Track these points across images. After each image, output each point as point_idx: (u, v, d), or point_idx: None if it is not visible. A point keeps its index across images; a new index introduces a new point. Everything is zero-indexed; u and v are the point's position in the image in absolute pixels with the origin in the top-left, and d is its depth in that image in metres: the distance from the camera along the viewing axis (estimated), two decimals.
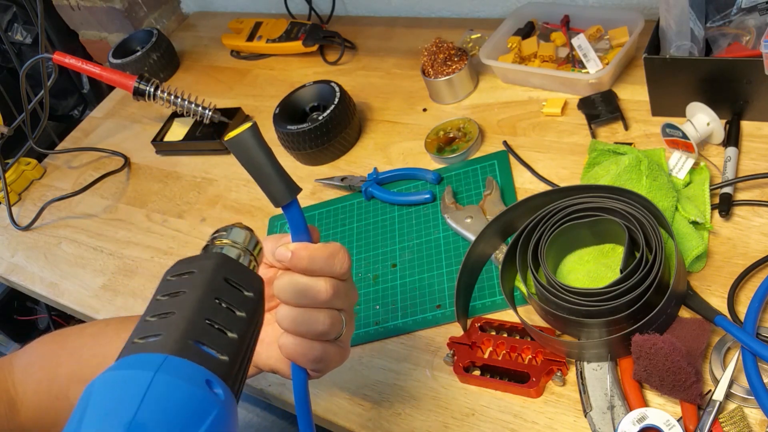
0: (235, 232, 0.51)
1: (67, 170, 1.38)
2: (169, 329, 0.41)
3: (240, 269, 0.47)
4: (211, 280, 0.45)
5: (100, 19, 1.70)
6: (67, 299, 1.11)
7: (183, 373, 0.38)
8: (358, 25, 1.36)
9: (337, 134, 1.07)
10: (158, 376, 0.37)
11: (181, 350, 0.40)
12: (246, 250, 0.50)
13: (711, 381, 0.66)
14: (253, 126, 0.51)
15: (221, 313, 0.43)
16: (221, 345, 0.42)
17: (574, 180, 0.90)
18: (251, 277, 0.48)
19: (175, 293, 0.44)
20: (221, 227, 0.51)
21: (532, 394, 0.71)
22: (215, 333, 0.42)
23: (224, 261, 0.47)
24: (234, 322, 0.44)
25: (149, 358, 0.39)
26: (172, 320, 0.42)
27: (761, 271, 0.72)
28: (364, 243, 0.95)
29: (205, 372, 0.39)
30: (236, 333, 0.43)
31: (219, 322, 0.43)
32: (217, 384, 0.40)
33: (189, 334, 0.41)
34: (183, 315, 0.42)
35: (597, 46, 1.01)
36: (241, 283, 0.46)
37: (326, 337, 0.57)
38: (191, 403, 0.37)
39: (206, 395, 0.38)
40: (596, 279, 0.76)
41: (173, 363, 0.39)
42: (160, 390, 0.37)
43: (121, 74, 1.24)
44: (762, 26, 0.83)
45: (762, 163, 0.82)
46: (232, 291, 0.45)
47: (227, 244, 0.49)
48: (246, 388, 0.89)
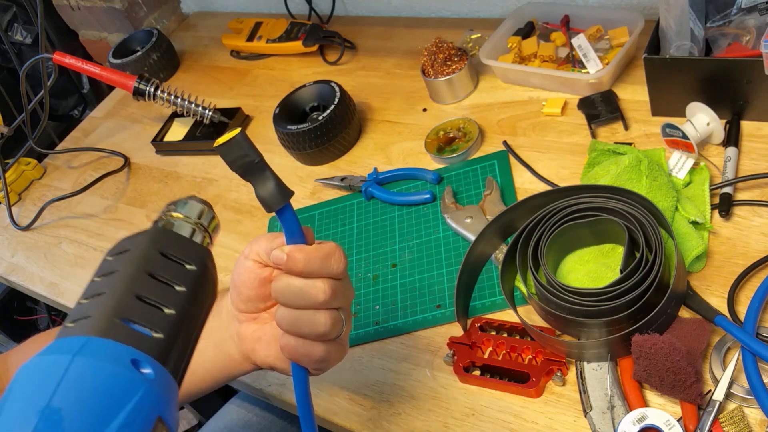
0: (190, 205, 0.49)
1: (67, 170, 1.38)
2: (97, 310, 0.40)
3: (181, 242, 0.45)
4: (144, 254, 0.43)
5: (100, 19, 1.70)
6: (67, 299, 1.11)
7: (104, 354, 0.37)
8: (358, 25, 1.36)
9: (337, 134, 1.07)
10: (76, 358, 0.37)
11: (105, 330, 0.38)
12: (199, 224, 0.48)
13: (711, 381, 0.66)
14: (243, 131, 0.51)
15: (155, 289, 0.42)
16: (154, 322, 0.40)
17: (574, 180, 0.90)
18: (195, 249, 0.45)
19: (110, 273, 0.42)
20: (175, 200, 0.49)
21: (532, 394, 0.71)
22: (147, 310, 0.41)
23: (161, 234, 0.45)
24: (171, 297, 0.42)
25: (71, 342, 0.38)
26: (101, 300, 0.41)
27: (761, 271, 0.72)
28: (364, 243, 0.95)
29: (130, 351, 0.38)
30: (174, 308, 0.41)
31: (152, 299, 0.41)
32: (147, 363, 0.38)
33: (116, 312, 0.40)
34: (111, 293, 0.41)
35: (597, 46, 1.01)
36: (181, 256, 0.44)
37: (327, 337, 0.57)
38: (112, 384, 0.36)
39: (130, 375, 0.37)
40: (596, 279, 0.76)
41: (95, 344, 0.38)
42: (78, 372, 0.36)
43: (121, 74, 1.24)
44: (762, 26, 0.83)
45: (762, 163, 0.82)
46: (170, 265, 0.43)
47: (177, 218, 0.47)
48: (245, 387, 0.89)
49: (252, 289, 0.61)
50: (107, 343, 0.38)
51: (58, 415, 0.35)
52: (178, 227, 0.47)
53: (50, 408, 0.35)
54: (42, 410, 0.34)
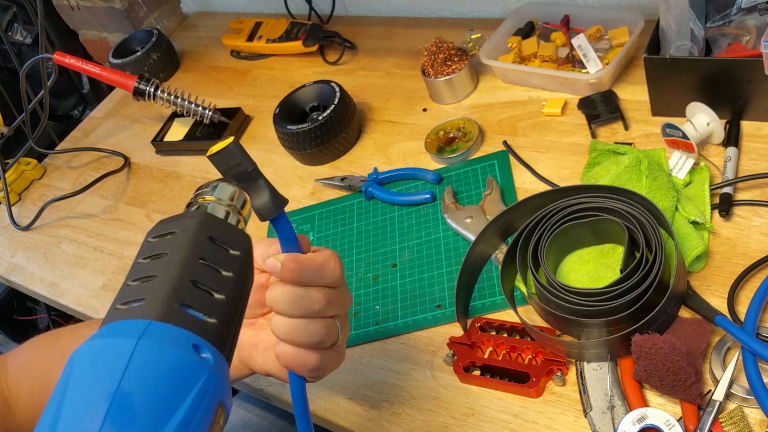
0: (221, 188, 0.48)
1: (67, 170, 1.38)
2: (153, 293, 0.39)
3: (225, 227, 0.45)
4: (194, 239, 0.42)
5: (100, 19, 1.70)
6: (67, 299, 1.11)
7: (168, 339, 0.37)
8: (358, 25, 1.36)
9: (337, 134, 1.07)
10: (142, 342, 0.36)
11: (166, 315, 0.38)
12: (233, 207, 0.48)
13: (711, 381, 0.66)
14: (236, 140, 0.50)
15: (207, 274, 0.41)
16: (208, 307, 0.40)
17: (574, 180, 0.90)
18: (237, 235, 0.45)
19: (157, 255, 0.42)
20: (207, 182, 0.49)
21: (532, 394, 0.71)
22: (201, 295, 0.40)
23: (208, 219, 0.45)
24: (221, 282, 0.42)
25: (132, 325, 0.37)
26: (155, 283, 0.40)
27: (761, 271, 0.72)
28: (364, 243, 0.95)
29: (191, 336, 0.38)
30: (224, 294, 0.41)
31: (205, 284, 0.41)
32: (206, 348, 0.38)
33: (173, 297, 0.39)
34: (166, 277, 0.40)
35: (597, 46, 1.01)
36: (226, 241, 0.44)
37: (323, 346, 0.57)
38: (178, 369, 0.36)
39: (194, 360, 0.37)
40: (596, 279, 0.76)
41: (157, 328, 0.37)
42: (145, 357, 0.36)
43: (121, 74, 1.24)
44: (762, 26, 0.83)
45: (762, 163, 0.82)
46: (217, 250, 0.43)
47: (212, 201, 0.47)
48: (245, 387, 0.89)
49: None
50: (169, 328, 0.38)
51: (129, 399, 0.34)
52: (213, 209, 0.46)
53: (121, 392, 0.34)
54: (113, 394, 0.34)
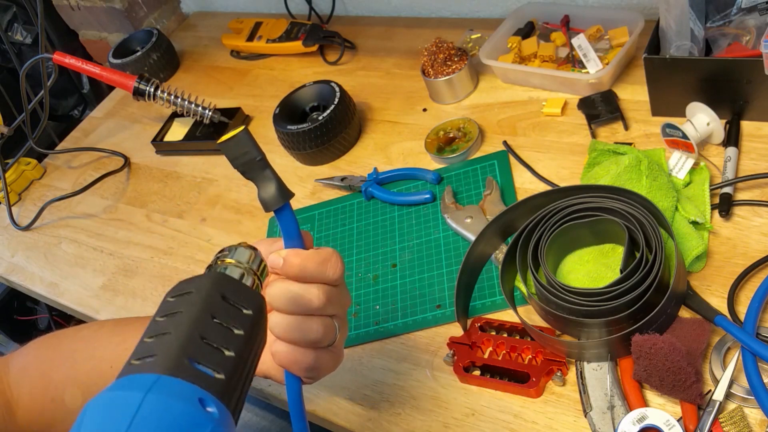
0: (239, 251, 0.51)
1: (67, 170, 1.38)
2: (164, 349, 0.41)
3: (239, 288, 0.47)
4: (207, 298, 0.45)
5: (100, 19, 1.70)
6: (67, 299, 1.11)
7: (174, 392, 0.39)
8: (358, 25, 1.36)
9: (337, 134, 1.07)
10: (149, 396, 0.38)
11: (174, 369, 0.40)
12: (249, 269, 0.50)
13: (711, 381, 0.66)
14: (246, 129, 0.51)
15: (218, 331, 0.43)
16: (217, 363, 0.42)
17: (574, 180, 0.90)
18: (251, 295, 0.48)
19: (173, 313, 0.44)
20: (227, 246, 0.52)
21: (532, 394, 0.71)
22: (211, 351, 0.42)
23: (222, 279, 0.47)
24: (231, 340, 0.44)
25: (142, 379, 0.39)
26: (167, 340, 0.42)
27: (761, 271, 0.72)
28: (364, 243, 0.95)
29: (197, 390, 0.39)
30: (233, 351, 0.43)
31: (215, 341, 0.43)
32: (211, 402, 0.40)
33: (183, 352, 0.41)
34: (178, 334, 0.42)
35: (597, 46, 1.01)
36: (239, 301, 0.46)
37: (319, 345, 0.57)
38: (182, 421, 0.38)
39: (198, 413, 0.38)
40: (596, 279, 0.76)
41: (165, 382, 0.39)
42: (151, 409, 0.37)
43: (121, 74, 1.24)
44: (762, 26, 0.83)
45: (762, 163, 0.82)
46: (229, 309, 0.45)
47: (230, 263, 0.50)
48: None
49: None
50: (176, 382, 0.39)
51: None
52: (231, 271, 0.49)
53: None
54: None
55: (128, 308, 1.03)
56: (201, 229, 1.11)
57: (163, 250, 1.10)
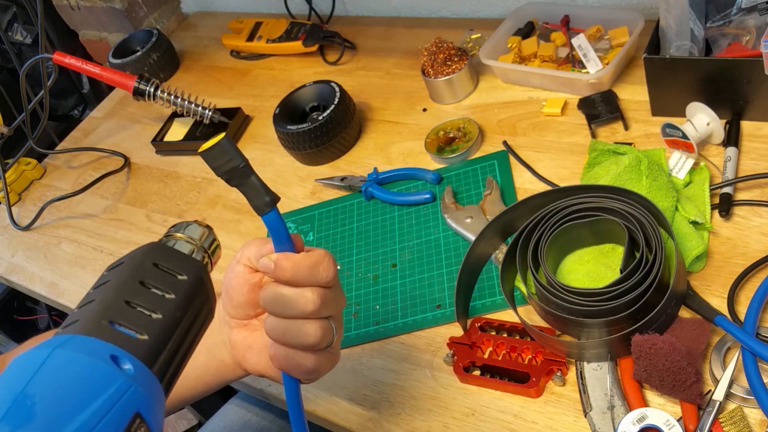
0: (192, 228, 0.51)
1: (67, 170, 1.38)
2: (85, 314, 0.42)
3: (175, 255, 0.48)
4: (137, 265, 0.45)
5: (100, 19, 1.70)
6: (67, 299, 1.11)
7: (84, 348, 0.39)
8: (358, 25, 1.36)
9: (337, 134, 1.07)
10: (56, 351, 0.38)
11: (90, 330, 0.40)
12: (198, 246, 0.50)
13: (711, 381, 0.66)
14: (227, 136, 0.51)
15: (146, 296, 0.44)
16: (140, 325, 0.42)
17: (574, 180, 0.90)
18: (188, 261, 0.48)
19: (103, 283, 0.45)
20: (180, 222, 0.52)
21: (532, 394, 0.71)
22: (135, 313, 0.43)
23: (156, 248, 0.47)
24: (160, 303, 0.44)
25: (56, 339, 0.40)
26: (91, 306, 0.43)
27: (761, 271, 0.72)
28: (364, 243, 0.95)
29: (111, 347, 0.40)
30: (161, 313, 0.43)
31: (140, 303, 0.43)
32: (127, 360, 0.40)
33: (102, 315, 0.42)
34: (102, 300, 0.43)
35: (597, 46, 1.01)
36: (173, 267, 0.46)
37: (318, 347, 0.57)
38: (87, 375, 0.38)
39: (107, 369, 0.39)
40: (596, 279, 0.76)
41: (77, 340, 0.40)
42: (56, 364, 0.38)
43: (121, 74, 1.24)
44: (762, 26, 0.83)
45: (762, 163, 0.82)
46: (161, 275, 0.45)
47: (180, 238, 0.50)
48: (245, 387, 0.89)
49: (242, 294, 0.61)
50: (88, 340, 0.40)
51: (30, 401, 0.36)
52: (178, 245, 0.49)
53: (24, 394, 0.36)
54: (15, 396, 0.36)
55: None
56: None
57: None
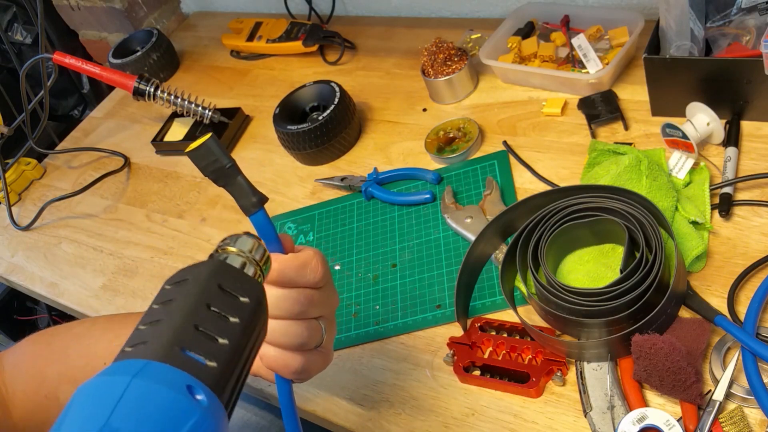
0: (242, 240, 0.50)
1: (67, 170, 1.38)
2: (155, 336, 0.41)
3: (237, 275, 0.47)
4: (203, 287, 0.44)
5: (100, 19, 1.70)
6: (67, 299, 1.11)
7: (161, 378, 0.38)
8: (358, 25, 1.36)
9: (337, 134, 1.07)
10: (135, 380, 0.37)
11: (164, 356, 0.39)
12: (251, 259, 0.49)
13: (711, 381, 0.66)
14: (214, 136, 0.51)
15: (212, 320, 0.43)
16: (209, 351, 0.41)
17: (574, 180, 0.90)
18: (249, 283, 0.47)
19: (168, 300, 0.44)
20: (230, 235, 0.51)
21: (532, 394, 0.71)
22: (203, 339, 0.42)
23: (219, 267, 0.46)
24: (226, 328, 0.43)
25: (130, 364, 0.39)
26: (160, 327, 0.42)
27: (761, 271, 0.72)
28: (364, 243, 0.95)
29: (186, 377, 0.39)
30: (227, 339, 0.43)
31: (208, 329, 0.42)
32: (200, 390, 0.39)
33: (174, 340, 0.41)
34: (171, 322, 0.42)
35: (597, 46, 1.01)
36: (236, 290, 0.45)
37: (306, 348, 0.57)
38: (168, 407, 0.37)
39: (185, 400, 0.38)
40: (596, 279, 0.76)
41: (153, 368, 0.39)
42: (136, 394, 0.37)
43: (121, 74, 1.24)
44: (762, 26, 0.83)
45: (762, 163, 0.82)
46: (225, 297, 0.44)
47: (231, 252, 0.49)
48: (245, 387, 0.89)
49: None
50: (164, 368, 0.39)
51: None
52: (232, 260, 0.48)
53: (109, 426, 0.35)
54: (101, 428, 0.35)
55: (128, 308, 1.03)
56: (201, 229, 1.11)
57: (163, 250, 1.10)
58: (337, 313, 0.87)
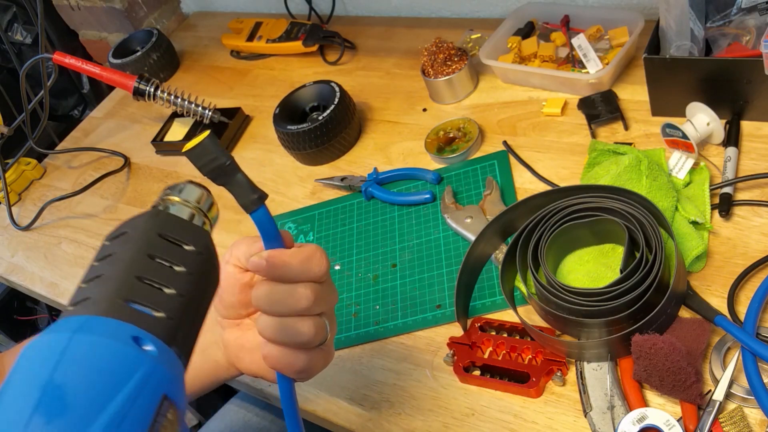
0: (188, 189, 0.48)
1: (67, 170, 1.38)
2: (97, 291, 0.40)
3: (179, 224, 0.45)
4: (143, 237, 0.43)
5: (100, 19, 1.70)
6: (67, 299, 1.10)
7: (105, 331, 0.37)
8: (358, 25, 1.36)
9: (337, 134, 1.07)
10: (77, 335, 0.37)
11: (107, 310, 0.39)
12: (197, 208, 0.48)
13: (711, 381, 0.66)
14: (211, 134, 0.50)
15: (155, 270, 0.42)
16: (156, 302, 0.40)
17: (574, 180, 0.90)
18: (193, 230, 0.45)
19: (107, 255, 0.43)
20: (174, 184, 0.49)
21: (532, 394, 0.71)
22: (148, 290, 0.41)
23: (158, 216, 0.45)
24: (172, 277, 0.42)
25: (72, 320, 0.38)
26: (101, 282, 0.41)
27: (761, 271, 0.72)
28: (364, 243, 0.95)
29: (131, 328, 0.38)
30: (175, 288, 0.42)
31: (153, 279, 0.41)
32: (149, 341, 0.38)
33: (116, 293, 0.40)
34: (112, 276, 0.41)
35: (597, 46, 1.01)
36: (180, 237, 0.44)
37: (311, 345, 0.56)
38: (114, 360, 0.37)
39: (132, 352, 0.37)
40: (596, 279, 0.76)
41: (96, 322, 0.38)
42: (79, 349, 0.36)
43: (121, 74, 1.24)
44: (762, 26, 0.83)
45: (762, 163, 0.82)
46: (169, 246, 0.43)
47: (176, 201, 0.47)
48: (245, 387, 0.89)
49: (233, 295, 0.60)
50: (107, 321, 0.38)
51: (60, 390, 0.35)
52: (177, 210, 0.47)
53: (52, 383, 0.35)
54: (44, 385, 0.35)
55: None
56: None
57: None
58: (337, 313, 0.88)
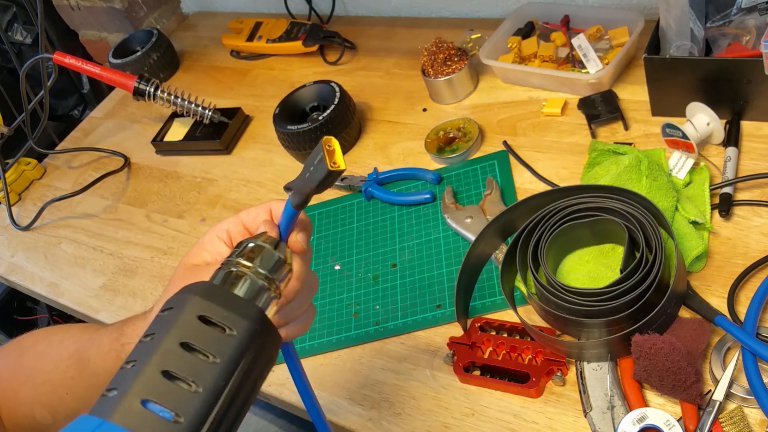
0: (267, 255, 0.44)
1: (67, 170, 1.38)
2: (123, 384, 0.38)
3: (231, 302, 0.42)
4: (182, 320, 0.40)
5: (100, 19, 1.70)
6: (67, 299, 1.11)
7: None
8: (358, 25, 1.36)
9: (337, 134, 1.07)
10: None
11: (122, 415, 0.37)
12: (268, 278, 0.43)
13: (711, 381, 0.66)
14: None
15: (185, 362, 0.39)
16: (179, 403, 0.38)
17: (574, 180, 0.90)
18: (242, 308, 0.41)
19: (151, 335, 0.40)
20: (244, 239, 0.44)
21: (532, 394, 0.71)
22: (172, 389, 0.38)
23: (206, 293, 0.41)
24: (202, 371, 0.39)
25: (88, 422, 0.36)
26: (129, 372, 0.39)
27: (761, 271, 0.72)
28: (364, 243, 0.95)
29: None
30: (202, 385, 0.38)
31: (180, 375, 0.38)
32: None
33: (137, 392, 0.37)
34: (140, 366, 0.38)
35: (597, 46, 1.01)
36: (223, 320, 0.40)
37: None
38: None
39: None
40: (596, 279, 0.76)
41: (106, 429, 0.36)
42: None
43: (121, 74, 1.23)
44: (762, 26, 0.83)
45: (762, 163, 0.82)
46: (206, 332, 0.40)
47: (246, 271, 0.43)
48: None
49: None
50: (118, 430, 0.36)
51: None
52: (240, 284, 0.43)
53: None
54: None
55: (128, 308, 1.03)
56: (201, 229, 1.11)
57: (163, 250, 1.10)
58: (337, 313, 0.88)
